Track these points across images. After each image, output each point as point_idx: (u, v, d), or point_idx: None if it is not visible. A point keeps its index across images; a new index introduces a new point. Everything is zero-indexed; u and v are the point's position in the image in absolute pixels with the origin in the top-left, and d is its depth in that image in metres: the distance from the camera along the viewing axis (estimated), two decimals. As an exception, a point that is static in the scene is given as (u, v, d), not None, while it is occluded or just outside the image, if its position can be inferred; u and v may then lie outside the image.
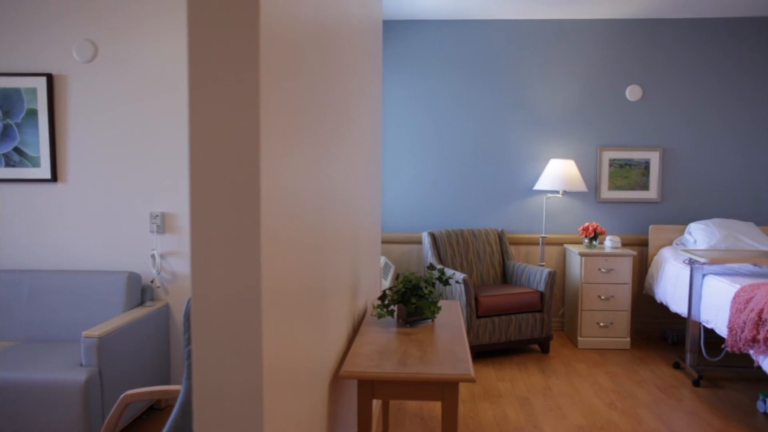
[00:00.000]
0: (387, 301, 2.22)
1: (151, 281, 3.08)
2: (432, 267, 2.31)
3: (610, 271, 4.21)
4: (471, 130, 4.74)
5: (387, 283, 3.89)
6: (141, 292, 3.01)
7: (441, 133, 4.75)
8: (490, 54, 4.68)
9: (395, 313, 2.32)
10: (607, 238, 4.41)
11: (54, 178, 3.04)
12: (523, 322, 4.03)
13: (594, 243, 4.38)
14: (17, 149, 3.05)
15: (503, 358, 4.07)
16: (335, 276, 1.76)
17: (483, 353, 4.16)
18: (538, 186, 4.51)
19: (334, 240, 1.71)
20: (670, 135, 4.64)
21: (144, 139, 3.03)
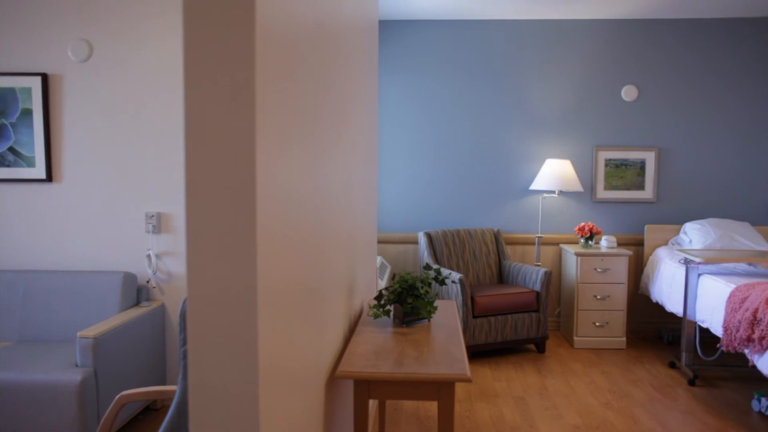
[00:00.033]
0: (383, 301, 2.22)
1: (147, 281, 3.08)
2: (428, 267, 2.31)
3: (605, 271, 4.22)
4: (467, 130, 4.74)
5: (383, 283, 3.89)
6: (137, 292, 3.00)
7: (437, 133, 4.76)
8: (485, 54, 4.69)
9: (391, 313, 2.32)
10: (603, 238, 4.42)
11: (49, 178, 3.03)
12: (519, 322, 4.04)
13: (590, 243, 4.39)
14: (12, 149, 3.04)
15: (499, 358, 4.08)
16: (331, 276, 1.76)
17: (479, 353, 4.16)
18: (534, 186, 4.52)
19: (330, 240, 1.71)
20: (665, 135, 4.66)
21: (140, 139, 3.02)
